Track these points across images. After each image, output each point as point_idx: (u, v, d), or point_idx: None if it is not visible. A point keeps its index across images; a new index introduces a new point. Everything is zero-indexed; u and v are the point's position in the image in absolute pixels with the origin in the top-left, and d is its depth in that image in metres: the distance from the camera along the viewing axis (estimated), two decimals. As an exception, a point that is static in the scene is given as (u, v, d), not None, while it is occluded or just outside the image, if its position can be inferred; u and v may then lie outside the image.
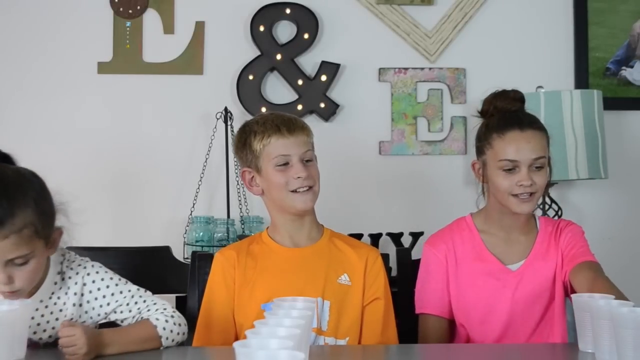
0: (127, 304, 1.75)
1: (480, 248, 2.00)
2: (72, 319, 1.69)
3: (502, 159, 1.93)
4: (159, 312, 1.72)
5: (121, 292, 1.76)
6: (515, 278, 1.97)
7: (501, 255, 1.99)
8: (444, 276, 2.01)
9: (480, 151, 2.01)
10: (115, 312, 1.75)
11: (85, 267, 1.76)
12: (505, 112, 1.98)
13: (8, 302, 1.46)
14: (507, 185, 1.92)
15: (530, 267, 1.98)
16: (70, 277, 1.74)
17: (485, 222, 2.03)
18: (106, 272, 1.78)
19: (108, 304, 1.74)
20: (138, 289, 1.78)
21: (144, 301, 1.75)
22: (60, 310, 1.70)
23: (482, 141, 1.99)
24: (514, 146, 1.92)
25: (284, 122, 1.88)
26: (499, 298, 1.96)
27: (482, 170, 2.01)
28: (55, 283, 1.72)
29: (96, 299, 1.75)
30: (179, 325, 1.71)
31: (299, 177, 1.84)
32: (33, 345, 1.65)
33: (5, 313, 1.33)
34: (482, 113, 2.04)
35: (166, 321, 1.69)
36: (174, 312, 1.74)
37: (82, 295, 1.74)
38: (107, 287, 1.75)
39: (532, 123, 1.96)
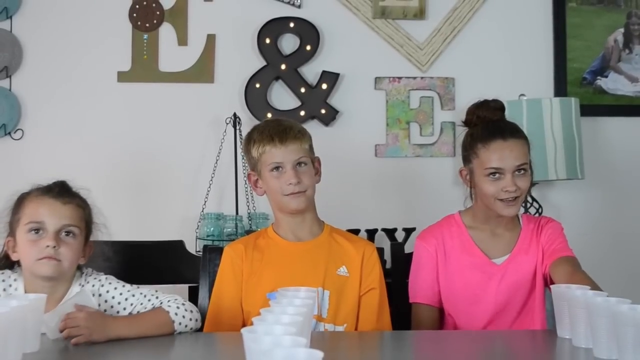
0: (142, 304, 1.74)
1: (468, 243, 2.00)
2: None
3: (488, 167, 1.92)
4: (171, 301, 1.71)
5: (134, 296, 1.76)
6: (499, 271, 1.96)
7: (487, 249, 1.99)
8: (434, 268, 2.00)
9: (466, 160, 2.00)
10: (132, 314, 1.74)
11: (99, 280, 1.78)
12: (488, 122, 1.96)
13: (20, 297, 1.45)
14: (494, 191, 1.92)
15: (513, 261, 1.97)
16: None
17: (473, 220, 2.03)
18: (118, 282, 1.79)
19: (124, 309, 1.75)
20: (149, 290, 1.78)
21: (157, 297, 1.75)
22: None
23: (468, 150, 1.98)
24: (498, 155, 1.91)
25: (278, 132, 1.88)
26: (484, 289, 1.96)
27: (470, 177, 1.99)
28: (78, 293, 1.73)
29: (112, 307, 1.75)
30: (191, 311, 1.71)
31: (290, 184, 1.85)
32: None
33: (15, 308, 1.32)
34: (466, 122, 2.02)
35: (177, 307, 1.69)
36: (184, 301, 1.73)
37: (99, 305, 1.74)
38: (121, 294, 1.76)
39: (514, 132, 1.95)
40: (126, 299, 1.76)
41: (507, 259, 1.98)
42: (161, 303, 1.72)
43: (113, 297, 1.76)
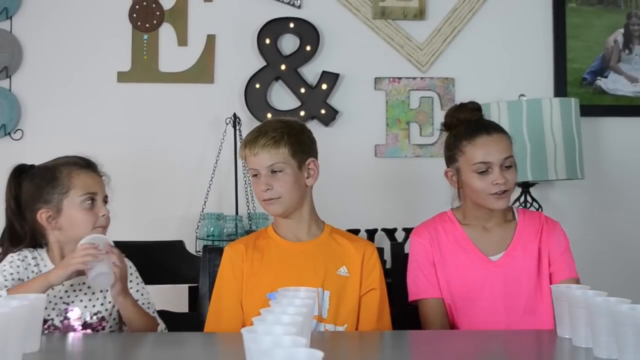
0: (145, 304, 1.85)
1: (463, 239, 2.00)
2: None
3: (476, 162, 1.93)
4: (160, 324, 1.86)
5: (142, 295, 1.88)
6: (496, 268, 1.96)
7: (482, 246, 1.99)
8: (432, 261, 1.99)
9: (451, 159, 2.01)
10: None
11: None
12: (470, 121, 1.99)
13: (20, 297, 1.45)
14: (483, 186, 1.92)
15: (509, 256, 1.97)
16: None
17: (465, 218, 2.03)
18: (137, 274, 1.92)
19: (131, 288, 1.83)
20: (152, 302, 1.90)
21: (153, 312, 1.87)
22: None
23: (453, 150, 1.99)
24: (485, 149, 1.93)
25: (251, 139, 1.88)
26: (481, 287, 1.95)
27: (456, 177, 2.00)
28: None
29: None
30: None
31: (261, 190, 1.86)
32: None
33: (15, 308, 1.32)
34: (446, 126, 2.04)
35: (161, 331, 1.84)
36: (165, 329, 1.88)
37: None
38: (137, 291, 1.88)
39: (496, 128, 1.98)
40: (137, 291, 1.87)
41: (504, 255, 1.97)
42: (155, 319, 1.85)
43: (130, 282, 1.84)
